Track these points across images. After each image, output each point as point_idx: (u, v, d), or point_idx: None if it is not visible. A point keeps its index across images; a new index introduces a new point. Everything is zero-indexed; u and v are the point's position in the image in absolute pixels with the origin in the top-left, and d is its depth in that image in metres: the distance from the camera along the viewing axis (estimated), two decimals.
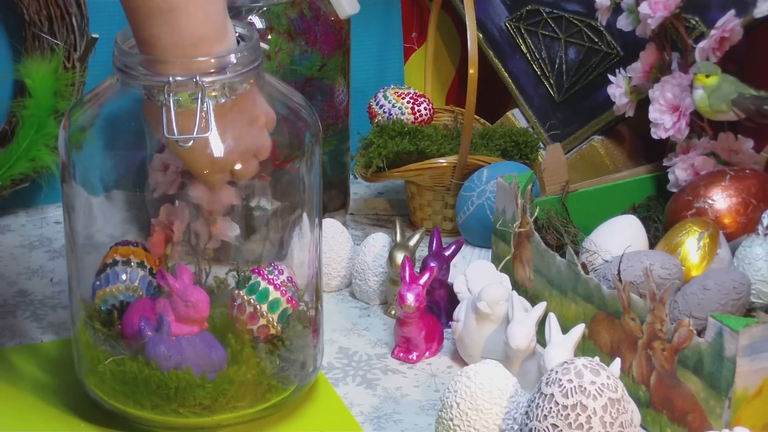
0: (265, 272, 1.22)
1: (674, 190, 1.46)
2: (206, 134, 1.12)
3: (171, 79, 1.12)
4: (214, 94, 1.14)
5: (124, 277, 1.22)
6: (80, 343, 1.23)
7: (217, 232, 1.19)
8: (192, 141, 1.12)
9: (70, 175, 1.21)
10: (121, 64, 1.16)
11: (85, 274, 1.24)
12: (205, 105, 1.12)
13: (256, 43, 1.18)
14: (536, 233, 1.36)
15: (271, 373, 1.21)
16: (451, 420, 1.13)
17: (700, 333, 1.16)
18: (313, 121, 1.22)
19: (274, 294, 1.21)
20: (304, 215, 1.24)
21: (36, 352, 1.35)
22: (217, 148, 1.13)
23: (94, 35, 1.61)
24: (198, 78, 1.12)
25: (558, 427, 1.05)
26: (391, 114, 1.63)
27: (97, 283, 1.22)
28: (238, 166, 1.14)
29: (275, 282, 1.21)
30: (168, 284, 1.18)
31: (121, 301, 1.21)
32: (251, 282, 1.21)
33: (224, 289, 1.24)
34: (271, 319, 1.21)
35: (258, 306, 1.20)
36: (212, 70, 1.13)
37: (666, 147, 1.54)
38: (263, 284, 1.21)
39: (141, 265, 1.22)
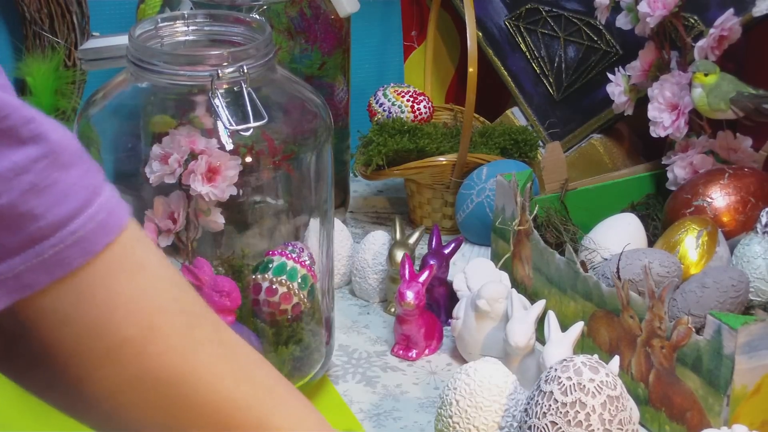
0: (287, 252, 1.22)
1: (673, 188, 1.46)
2: (263, 121, 1.14)
3: (219, 71, 1.13)
4: (225, 86, 1.15)
5: None
6: None
7: (205, 221, 1.19)
8: (251, 130, 1.14)
9: None
10: (135, 59, 1.17)
11: None
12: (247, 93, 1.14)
13: (269, 36, 1.19)
14: (535, 231, 1.37)
15: (313, 346, 1.24)
16: (451, 417, 1.14)
17: (698, 331, 1.17)
18: (326, 115, 1.23)
19: (301, 271, 1.22)
20: (315, 212, 1.25)
21: None
22: None
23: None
24: (243, 66, 1.14)
25: (557, 424, 1.05)
26: (390, 112, 1.64)
27: None
28: None
29: (300, 260, 1.22)
30: (197, 278, 1.18)
31: None
32: (276, 263, 1.22)
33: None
34: (302, 296, 1.22)
35: (290, 285, 1.21)
36: (225, 63, 1.14)
37: (665, 145, 1.54)
38: (290, 264, 1.21)
39: None
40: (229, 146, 1.16)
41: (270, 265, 1.22)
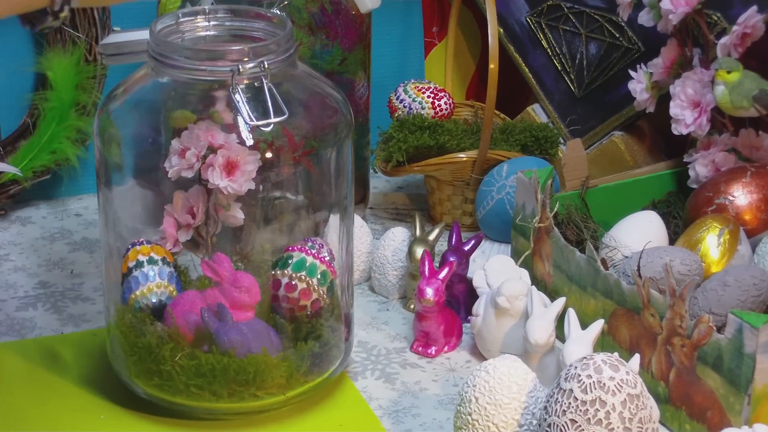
0: (307, 248, 1.22)
1: (695, 186, 1.46)
2: (284, 116, 1.14)
3: (239, 66, 1.13)
4: (246, 82, 1.15)
5: (152, 274, 1.21)
6: (134, 348, 1.22)
7: (225, 216, 1.19)
8: (272, 125, 1.14)
9: (104, 164, 1.22)
10: (156, 54, 1.17)
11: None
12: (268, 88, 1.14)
13: (290, 32, 1.19)
14: (556, 228, 1.36)
15: (332, 342, 1.24)
16: (470, 414, 1.14)
17: (719, 329, 1.16)
18: (347, 111, 1.23)
19: (321, 267, 1.22)
20: (334, 208, 1.25)
21: (57, 344, 1.36)
22: None
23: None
24: (264, 62, 1.14)
25: (577, 422, 1.05)
26: (411, 108, 1.63)
27: (128, 285, 1.22)
28: None
29: (320, 256, 1.22)
30: (217, 273, 1.18)
31: (159, 301, 1.21)
32: (296, 259, 1.22)
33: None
34: (322, 292, 1.22)
35: (310, 281, 1.21)
36: (246, 59, 1.15)
37: (687, 143, 1.54)
38: (310, 260, 1.22)
39: (165, 261, 1.22)
40: (249, 141, 1.16)
41: (290, 261, 1.22)
